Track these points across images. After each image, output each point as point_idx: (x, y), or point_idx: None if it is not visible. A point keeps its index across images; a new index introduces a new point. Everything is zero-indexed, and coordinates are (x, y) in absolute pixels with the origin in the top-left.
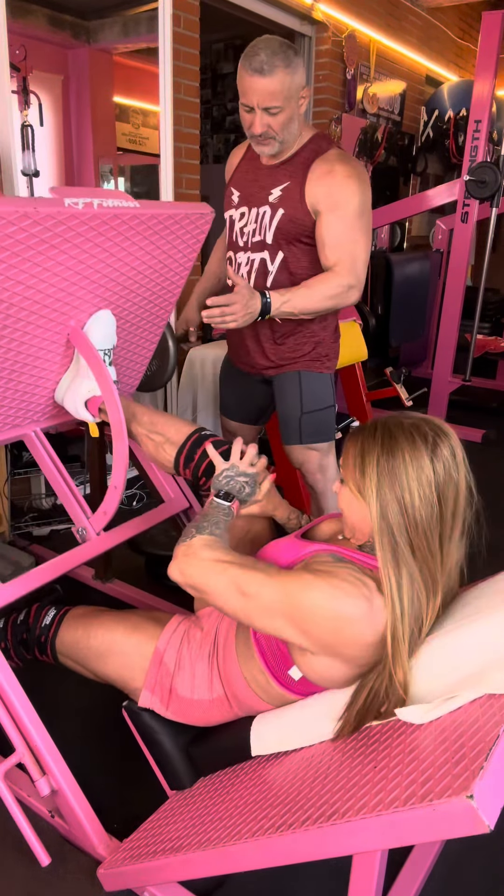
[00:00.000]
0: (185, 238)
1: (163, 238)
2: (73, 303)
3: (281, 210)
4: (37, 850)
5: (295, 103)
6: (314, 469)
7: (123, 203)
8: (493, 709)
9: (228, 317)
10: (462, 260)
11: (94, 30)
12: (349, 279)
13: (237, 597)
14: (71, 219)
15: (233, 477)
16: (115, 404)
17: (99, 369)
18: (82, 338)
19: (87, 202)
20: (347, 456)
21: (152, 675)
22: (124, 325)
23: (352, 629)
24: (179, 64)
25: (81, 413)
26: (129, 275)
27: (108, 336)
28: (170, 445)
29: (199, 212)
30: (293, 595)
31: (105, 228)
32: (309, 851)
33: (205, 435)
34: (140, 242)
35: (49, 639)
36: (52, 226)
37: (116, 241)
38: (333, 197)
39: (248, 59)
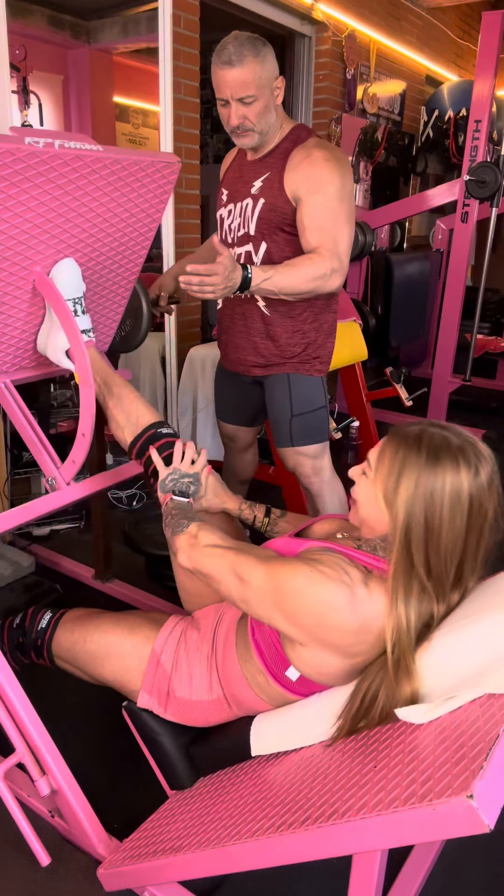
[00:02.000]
0: (151, 187)
1: (128, 185)
2: (38, 247)
3: (262, 200)
4: (37, 850)
5: (269, 93)
6: (308, 472)
7: (87, 145)
8: (493, 709)
9: (207, 287)
10: (462, 260)
11: (94, 30)
12: (332, 262)
13: (235, 582)
14: (31, 157)
15: (177, 479)
16: (82, 352)
17: (65, 317)
18: (48, 285)
19: (49, 142)
20: (384, 456)
21: (150, 676)
22: (93, 276)
23: (333, 615)
24: (179, 64)
25: (64, 363)
26: (95, 222)
27: (75, 284)
28: (129, 430)
29: (165, 160)
30: (279, 580)
31: (67, 170)
32: (309, 851)
33: (157, 434)
34: (105, 188)
35: (45, 642)
36: (11, 162)
37: (80, 185)
38: (312, 181)
39: (217, 54)
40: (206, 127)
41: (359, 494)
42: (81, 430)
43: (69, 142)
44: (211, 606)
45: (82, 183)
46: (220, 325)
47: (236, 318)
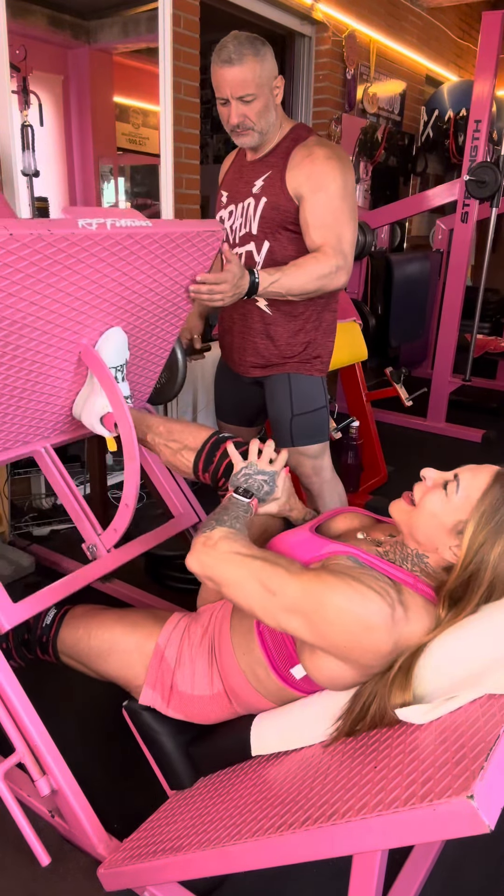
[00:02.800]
0: (195, 255)
1: (174, 256)
2: (85, 321)
3: (264, 199)
4: (37, 850)
5: (269, 91)
6: (308, 471)
7: (136, 222)
8: (493, 709)
9: (217, 295)
10: (462, 260)
11: (94, 30)
12: (337, 260)
13: (259, 591)
14: (84, 240)
15: (251, 475)
16: (127, 422)
17: (110, 387)
18: (94, 356)
19: (101, 223)
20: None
21: (153, 671)
22: (135, 342)
23: (370, 637)
24: (179, 64)
25: (98, 429)
26: (141, 292)
27: (120, 353)
28: (188, 451)
29: (210, 229)
30: (316, 596)
31: (118, 248)
32: (309, 851)
33: (223, 437)
34: (152, 261)
35: (50, 639)
36: (65, 247)
37: (129, 261)
38: (315, 179)
39: (217, 53)
40: (206, 127)
41: (426, 504)
42: (125, 500)
43: (120, 220)
44: (216, 602)
45: (131, 259)
46: (221, 325)
47: (236, 318)
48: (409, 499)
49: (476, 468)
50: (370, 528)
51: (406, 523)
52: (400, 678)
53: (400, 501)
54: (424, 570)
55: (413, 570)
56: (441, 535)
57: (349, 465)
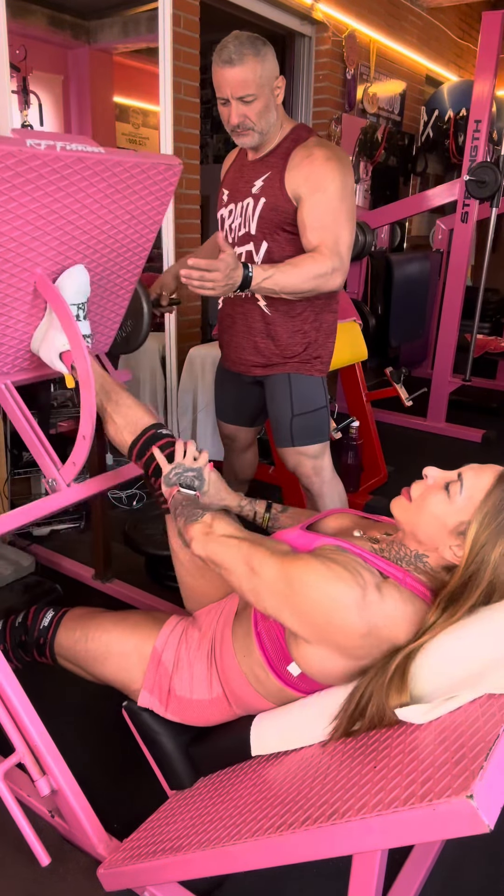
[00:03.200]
0: (152, 189)
1: (130, 187)
2: (39, 249)
3: (263, 199)
4: (37, 850)
5: (269, 92)
6: (308, 472)
7: (88, 148)
8: (493, 709)
9: (208, 282)
10: (462, 260)
11: (94, 30)
12: (333, 261)
13: (247, 573)
14: (32, 159)
15: (181, 473)
16: (84, 357)
17: (68, 322)
18: (51, 289)
19: (50, 144)
20: (492, 496)
21: (151, 675)
22: (94, 279)
23: (342, 615)
24: (179, 64)
25: (56, 364)
26: (97, 224)
27: (81, 290)
28: (128, 432)
29: (167, 162)
30: (290, 574)
31: (69, 172)
32: (309, 851)
33: (158, 434)
34: (106, 190)
35: (47, 641)
36: (12, 164)
37: (81, 187)
38: (313, 180)
39: (218, 53)
40: (206, 127)
41: (428, 505)
42: (82, 432)
43: (71, 144)
44: (212, 605)
45: (83, 185)
46: (221, 324)
47: (237, 317)
48: (408, 495)
49: (479, 468)
50: (367, 528)
51: (406, 521)
52: (396, 680)
53: (400, 499)
54: (422, 569)
55: (407, 567)
56: (442, 536)
57: (349, 465)
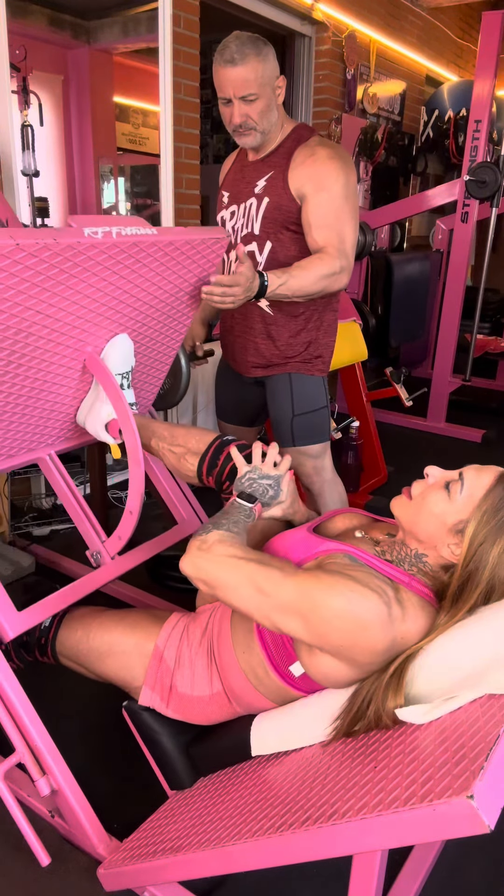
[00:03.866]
0: (200, 262)
1: (178, 263)
2: (90, 329)
3: (266, 199)
4: (37, 850)
5: (271, 91)
6: (309, 471)
7: (141, 230)
8: (493, 709)
9: (228, 297)
10: (462, 260)
11: (94, 30)
12: (341, 261)
13: (254, 594)
14: (90, 249)
15: (255, 479)
16: (132, 429)
17: (115, 394)
18: (99, 364)
19: (106, 231)
20: (492, 496)
21: (152, 672)
22: (140, 349)
23: (366, 635)
24: (179, 64)
25: (102, 436)
26: (145, 300)
27: (126, 360)
28: (192, 455)
29: (215, 237)
30: (311, 596)
31: (123, 257)
32: (309, 851)
33: (226, 440)
34: (157, 268)
35: (49, 640)
36: (71, 256)
37: (133, 268)
38: (317, 179)
39: (219, 53)
40: (206, 127)
41: (428, 504)
42: (129, 507)
43: (126, 228)
44: (215, 602)
45: (136, 266)
46: (222, 325)
47: (237, 317)
48: (408, 494)
49: (480, 468)
50: (368, 528)
51: (406, 520)
52: (394, 682)
53: (401, 497)
54: (422, 569)
55: (410, 570)
56: (441, 534)
57: (349, 465)
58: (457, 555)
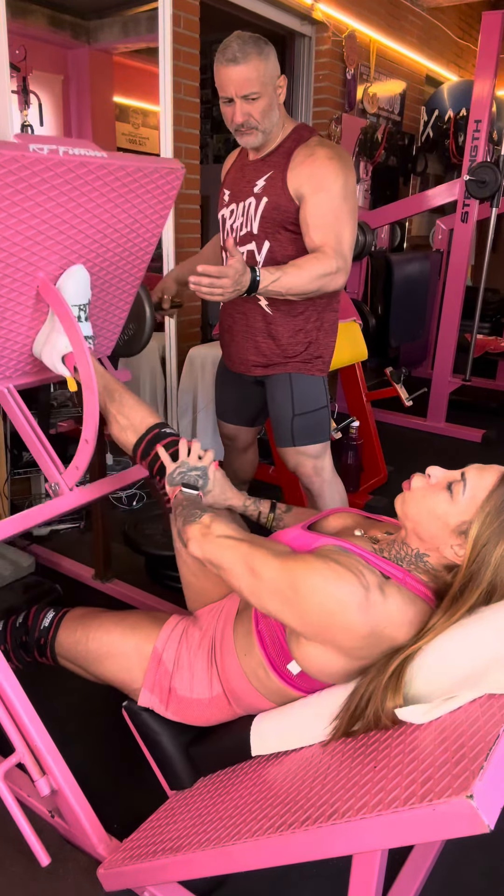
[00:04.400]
0: (155, 193)
1: (133, 192)
2: (42, 253)
3: (265, 199)
4: (37, 850)
5: (272, 90)
6: (309, 471)
7: (90, 152)
8: (493, 709)
9: (216, 289)
10: (462, 260)
11: (94, 30)
12: (337, 261)
13: (247, 574)
14: (35, 164)
15: (185, 472)
16: (86, 359)
17: (69, 323)
18: (52, 291)
19: (53, 148)
20: (495, 497)
21: (151, 674)
22: (97, 282)
23: (343, 616)
24: (179, 64)
25: (59, 368)
26: (100, 228)
27: (82, 291)
28: (132, 432)
29: (169, 166)
30: (292, 575)
31: (72, 177)
32: (309, 851)
33: (162, 434)
34: (109, 194)
35: (48, 641)
36: (16, 169)
37: (84, 192)
38: (316, 179)
39: (221, 52)
40: (206, 127)
41: (429, 503)
42: (85, 436)
43: (73, 148)
44: (213, 604)
45: (86, 189)
46: (222, 324)
47: (237, 317)
48: (408, 486)
49: (482, 468)
50: (367, 527)
51: (409, 518)
52: (393, 682)
53: (403, 494)
54: (423, 568)
55: (408, 567)
56: (444, 535)
57: (349, 465)
58: (460, 556)
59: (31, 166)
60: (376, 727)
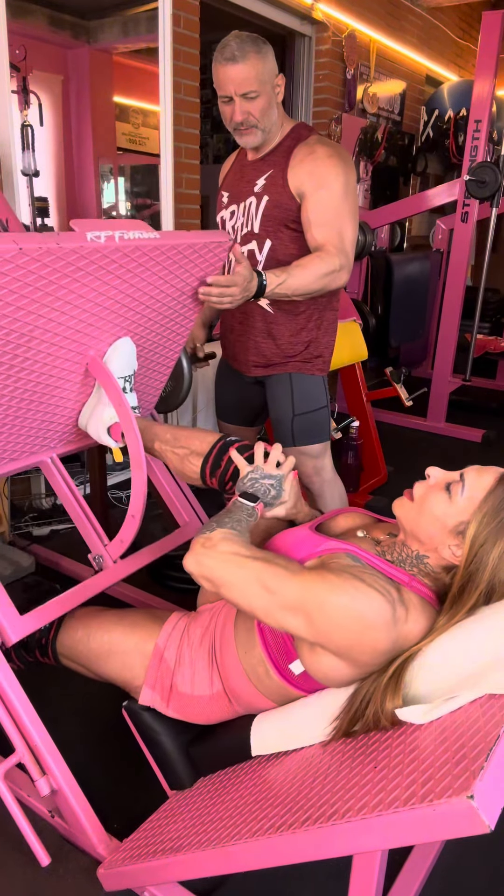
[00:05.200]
0: (202, 265)
1: (181, 266)
2: (92, 333)
3: (266, 197)
4: (37, 850)
5: (271, 89)
6: (309, 471)
7: (144, 234)
8: (493, 709)
9: (226, 297)
10: (462, 260)
11: (94, 30)
12: (340, 259)
13: (259, 592)
14: (93, 253)
15: (257, 479)
16: (134, 433)
17: (118, 398)
18: (101, 368)
19: (109, 235)
20: (493, 497)
21: (153, 672)
22: (142, 352)
23: (371, 635)
24: (179, 64)
25: (104, 439)
26: (148, 303)
27: (129, 363)
28: (195, 456)
29: (218, 240)
30: (317, 595)
31: (126, 261)
32: (309, 851)
33: (229, 441)
34: (159, 272)
35: (49, 641)
36: (74, 260)
37: (136, 272)
38: (317, 177)
39: (219, 52)
40: (206, 127)
41: (429, 505)
42: (132, 511)
43: (128, 232)
44: (214, 602)
45: (139, 270)
46: (223, 324)
47: (238, 317)
48: (410, 496)
49: (481, 469)
50: (370, 528)
51: (408, 521)
52: (392, 684)
53: (402, 499)
54: (423, 570)
55: (411, 570)
56: (442, 536)
57: (349, 465)
58: (458, 556)
59: (89, 256)
60: (376, 728)
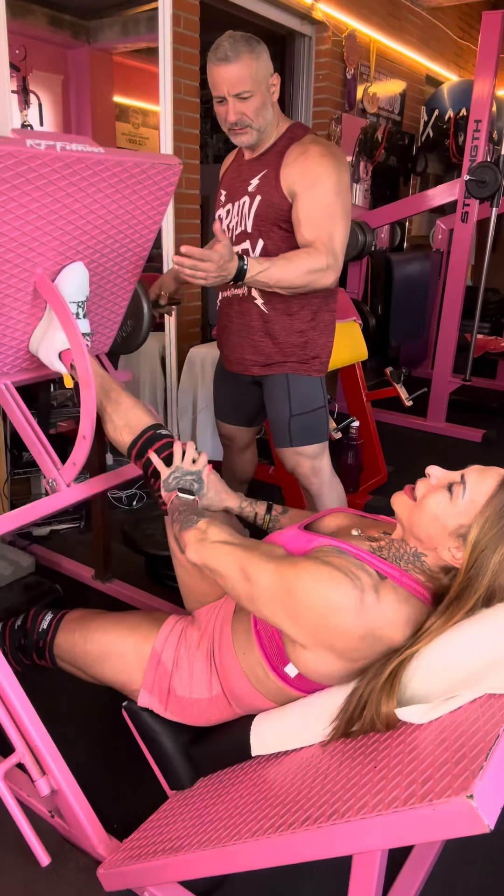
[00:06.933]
0: (152, 189)
1: (130, 187)
2: (39, 249)
3: (258, 196)
4: (37, 850)
5: (265, 89)
6: (307, 472)
7: (87, 147)
8: (493, 709)
9: (199, 272)
10: (462, 260)
11: (94, 30)
12: (327, 258)
13: (242, 579)
14: (32, 159)
15: (180, 477)
16: (83, 356)
17: (67, 320)
18: (50, 287)
19: (50, 144)
20: (495, 501)
21: (150, 675)
22: (94, 278)
23: (338, 619)
24: (179, 64)
25: (55, 364)
26: (98, 224)
27: (80, 288)
28: (128, 432)
29: (166, 162)
30: (286, 579)
31: (69, 172)
32: (309, 851)
33: (156, 435)
34: (106, 190)
35: (46, 643)
36: (12, 165)
37: (81, 187)
38: (308, 176)
39: (213, 52)
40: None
41: (429, 506)
42: (82, 432)
43: (71, 144)
44: (211, 604)
45: (84, 185)
46: (219, 324)
47: (234, 316)
48: (412, 493)
49: (483, 471)
50: (365, 526)
51: (407, 519)
52: (388, 685)
53: (402, 494)
54: (419, 568)
55: (406, 567)
56: (442, 536)
57: (349, 465)
58: (458, 558)
59: (28, 162)
60: (373, 730)
